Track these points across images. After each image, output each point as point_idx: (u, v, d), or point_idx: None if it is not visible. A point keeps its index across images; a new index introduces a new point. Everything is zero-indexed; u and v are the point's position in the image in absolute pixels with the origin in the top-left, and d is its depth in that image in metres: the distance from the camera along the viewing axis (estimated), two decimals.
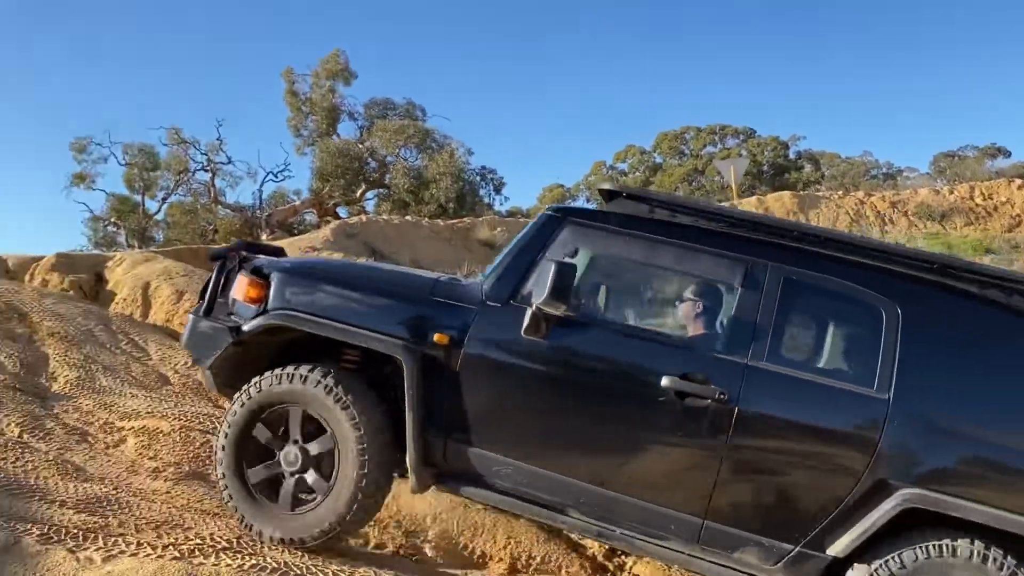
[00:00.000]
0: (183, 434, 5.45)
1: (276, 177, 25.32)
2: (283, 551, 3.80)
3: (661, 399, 3.52)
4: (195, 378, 6.89)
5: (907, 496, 3.30)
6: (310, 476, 3.85)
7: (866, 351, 3.55)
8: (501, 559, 4.66)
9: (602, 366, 3.72)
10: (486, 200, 26.35)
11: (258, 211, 24.20)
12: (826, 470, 3.45)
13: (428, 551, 4.66)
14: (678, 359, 3.60)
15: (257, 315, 3.99)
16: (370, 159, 24.36)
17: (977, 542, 3.25)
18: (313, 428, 3.84)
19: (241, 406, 3.90)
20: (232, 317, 4.09)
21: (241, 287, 4.10)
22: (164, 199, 25.42)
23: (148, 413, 5.72)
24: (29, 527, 3.89)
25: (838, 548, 3.39)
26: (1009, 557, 3.23)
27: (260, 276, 4.11)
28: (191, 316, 4.21)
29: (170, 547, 3.67)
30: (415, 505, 4.87)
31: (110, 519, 4.13)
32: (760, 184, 36.29)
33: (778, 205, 22.62)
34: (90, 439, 5.40)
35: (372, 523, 4.69)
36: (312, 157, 24.48)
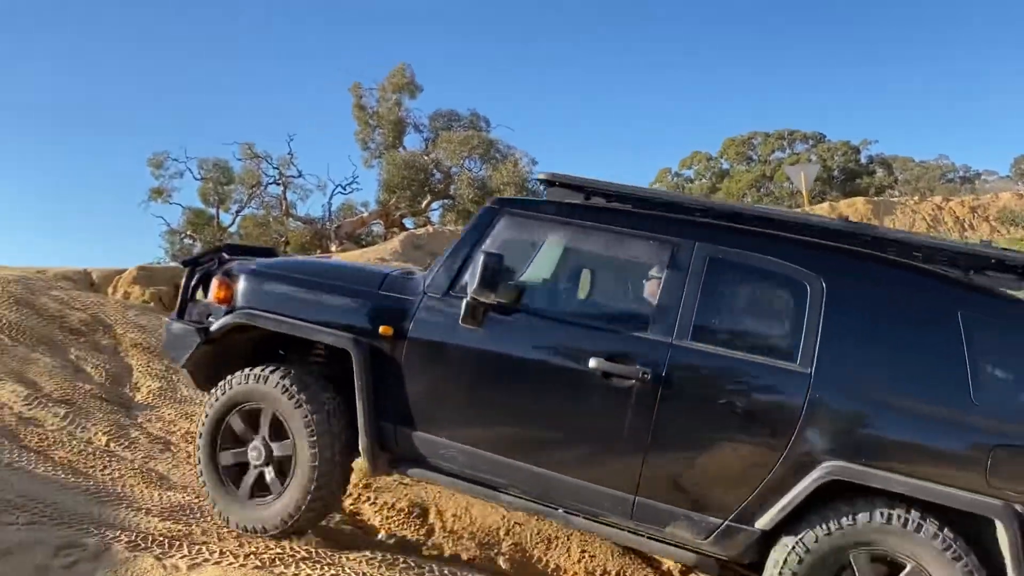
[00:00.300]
0: None
1: (344, 189, 25.78)
2: (360, 561, 3.84)
3: (589, 380, 3.62)
4: None
5: (829, 468, 3.32)
6: (269, 473, 4.07)
7: (790, 326, 3.57)
8: (575, 573, 4.62)
9: (534, 351, 3.81)
10: None
11: (327, 223, 24.66)
12: (751, 444, 3.47)
13: (502, 563, 4.65)
14: (605, 341, 3.68)
15: (225, 315, 4.23)
16: (435, 170, 24.59)
17: (904, 510, 3.27)
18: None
19: (216, 401, 4.17)
20: (210, 318, 4.34)
21: (212, 289, 4.40)
22: (237, 212, 26.10)
23: None
24: (118, 534, 4.02)
25: (764, 521, 3.42)
26: (938, 526, 3.24)
27: (229, 278, 4.36)
28: (167, 320, 4.51)
29: (251, 556, 3.74)
30: (488, 516, 4.87)
31: (193, 527, 4.24)
32: (831, 190, 35.49)
33: (851, 211, 22.08)
34: (172, 448, 5.56)
35: (447, 534, 4.71)
36: (379, 169, 24.85)
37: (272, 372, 4.07)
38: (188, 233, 26.17)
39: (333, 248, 23.05)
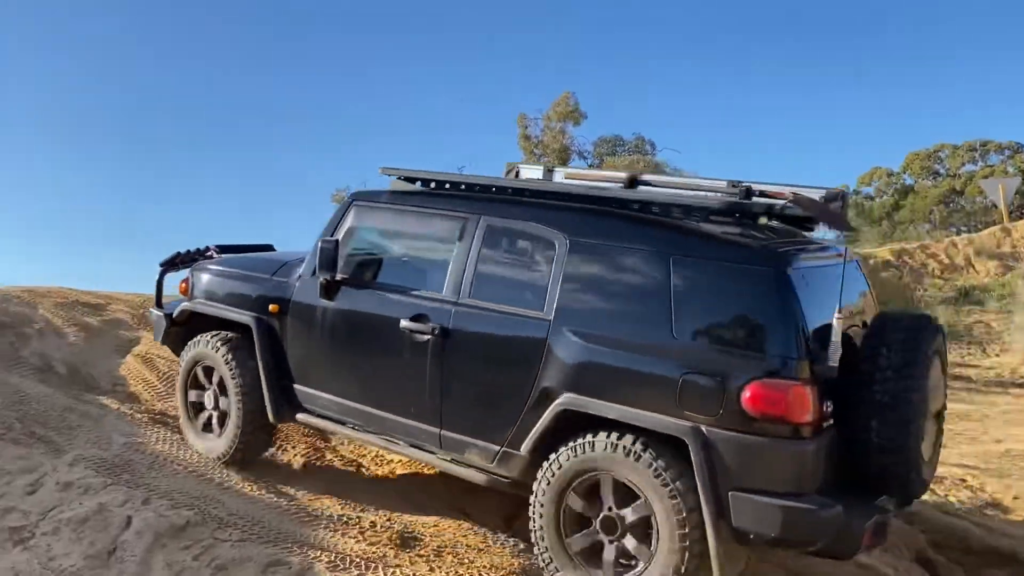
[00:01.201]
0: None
1: None
2: None
3: (403, 338, 4.51)
4: None
5: (562, 400, 3.92)
6: (214, 418, 5.40)
7: (541, 279, 4.19)
8: None
9: (367, 316, 4.76)
10: None
11: None
12: (512, 382, 4.15)
13: None
14: (412, 305, 4.54)
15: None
16: None
17: (629, 441, 3.73)
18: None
19: (187, 355, 5.50)
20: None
21: (180, 285, 5.80)
22: None
23: None
24: (319, 554, 4.22)
25: (526, 446, 4.07)
26: (648, 449, 3.69)
27: (190, 275, 5.76)
28: (151, 310, 6.02)
29: None
30: None
31: (387, 551, 4.38)
32: None
33: None
34: (364, 470, 5.78)
35: None
36: None
37: (219, 341, 5.30)
38: None
39: None
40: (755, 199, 4.03)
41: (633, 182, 4.53)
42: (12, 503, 4.61)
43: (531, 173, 5.29)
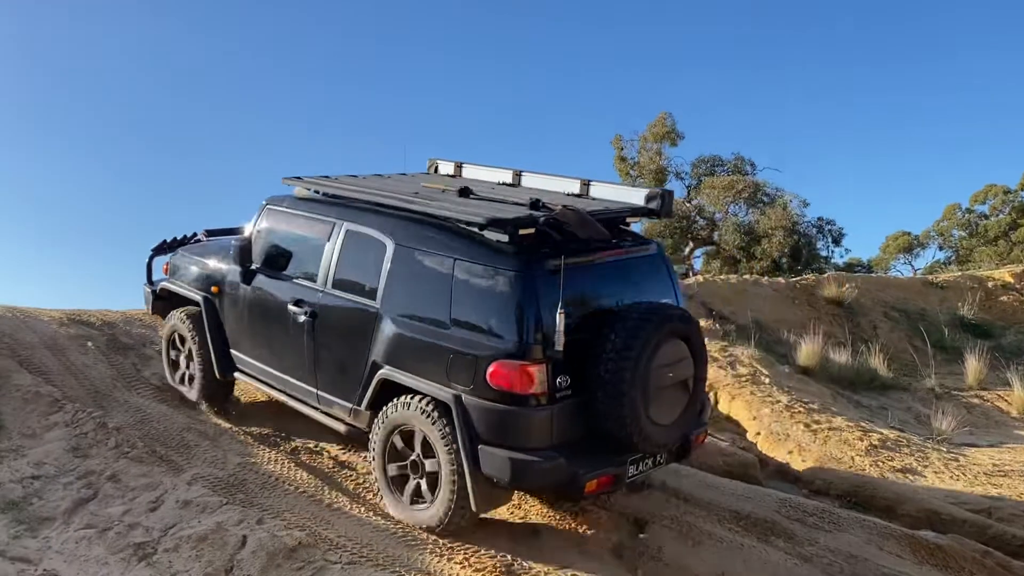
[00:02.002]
0: (546, 497, 5.61)
1: None
2: None
3: (289, 316, 5.73)
4: None
5: (382, 372, 5.11)
6: (187, 374, 6.79)
7: (376, 275, 5.26)
8: None
9: (270, 298, 6.01)
10: (823, 253, 24.79)
11: None
12: (356, 356, 5.28)
13: None
14: (296, 291, 5.77)
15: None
16: (698, 217, 24.19)
17: (425, 404, 4.86)
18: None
19: (167, 323, 6.90)
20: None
21: (164, 266, 7.18)
22: None
23: None
24: None
25: (366, 404, 5.25)
26: (435, 411, 4.79)
27: (171, 259, 7.12)
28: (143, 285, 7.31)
29: None
30: None
31: None
32: None
33: None
34: None
35: None
36: None
37: (185, 314, 6.62)
38: None
39: None
40: (525, 214, 4.82)
41: (465, 192, 5.53)
42: (136, 519, 4.81)
43: (446, 168, 6.87)
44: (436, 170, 6.91)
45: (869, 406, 9.81)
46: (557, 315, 4.43)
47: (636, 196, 5.30)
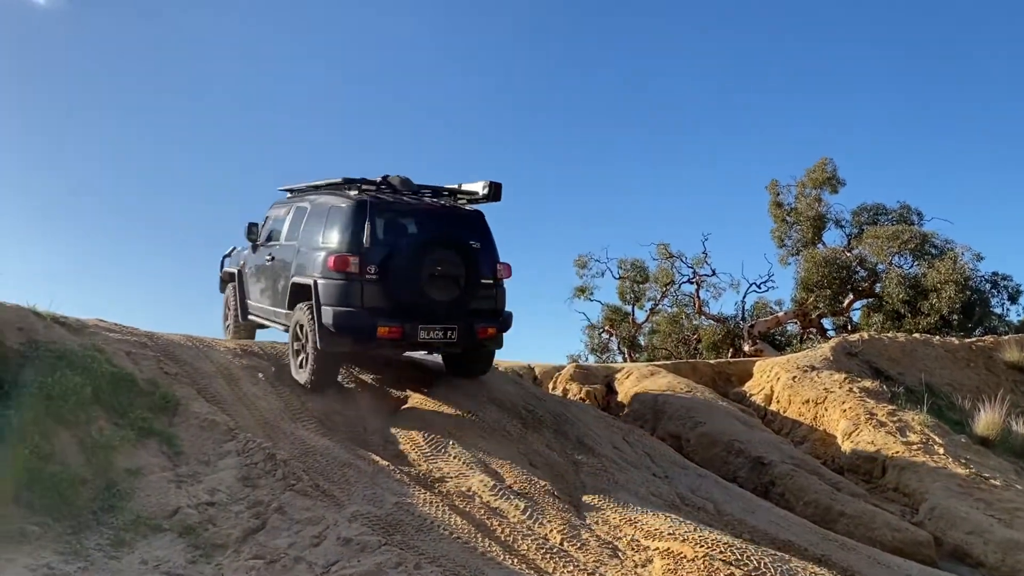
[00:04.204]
0: (706, 562, 5.37)
1: (759, 288, 25.12)
2: None
3: (269, 266, 9.13)
4: (709, 501, 6.87)
5: (292, 279, 8.37)
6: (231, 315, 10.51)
7: (300, 226, 8.75)
8: None
9: (263, 259, 9.35)
10: (998, 311, 22.93)
11: (740, 321, 24.24)
12: (287, 274, 8.53)
13: None
14: (271, 250, 9.19)
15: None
16: (859, 267, 22.96)
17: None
18: None
19: (225, 294, 11.03)
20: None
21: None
22: (652, 310, 26.90)
23: (670, 535, 5.78)
24: None
25: (286, 306, 8.43)
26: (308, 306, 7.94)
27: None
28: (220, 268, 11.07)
29: None
30: None
31: None
32: None
33: None
34: (620, 555, 5.60)
35: None
36: (796, 267, 23.87)
37: (230, 284, 10.39)
38: (606, 328, 27.56)
39: (746, 348, 22.56)
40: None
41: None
42: (301, 553, 4.95)
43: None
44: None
45: None
46: (365, 228, 7.66)
47: (479, 186, 8.66)
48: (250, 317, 9.73)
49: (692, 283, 25.68)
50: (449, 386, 8.60)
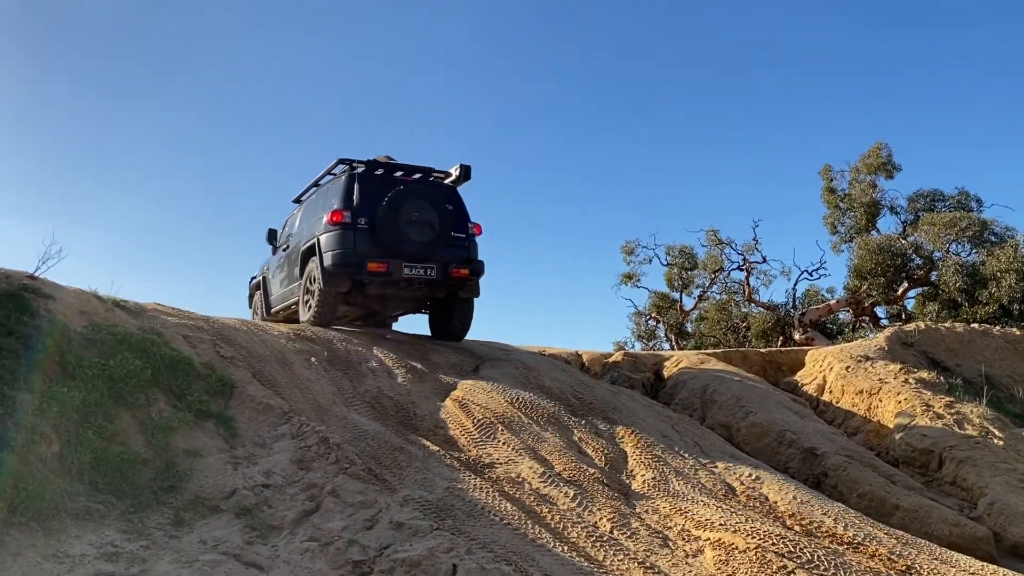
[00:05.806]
0: (759, 554, 5.32)
1: (811, 275, 24.73)
2: None
3: (286, 258, 11.19)
4: (760, 492, 6.79)
5: (309, 242, 10.65)
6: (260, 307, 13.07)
7: (318, 222, 10.44)
8: None
9: (286, 252, 11.28)
10: None
11: (791, 309, 23.87)
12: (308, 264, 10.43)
13: None
14: (288, 241, 11.56)
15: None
16: (914, 255, 22.43)
17: None
18: None
19: (252, 281, 13.79)
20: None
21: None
22: (700, 296, 26.64)
23: (722, 525, 5.73)
24: None
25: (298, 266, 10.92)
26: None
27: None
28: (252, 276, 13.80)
29: None
30: None
31: None
32: None
33: None
34: (671, 544, 5.58)
35: None
36: (849, 254, 23.44)
37: (258, 287, 12.73)
38: (652, 315, 27.37)
39: (796, 336, 22.22)
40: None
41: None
42: (354, 536, 5.02)
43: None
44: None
45: None
46: (355, 191, 9.59)
47: (453, 169, 10.28)
48: (273, 311, 11.48)
49: (742, 270, 25.39)
50: (498, 372, 8.62)
